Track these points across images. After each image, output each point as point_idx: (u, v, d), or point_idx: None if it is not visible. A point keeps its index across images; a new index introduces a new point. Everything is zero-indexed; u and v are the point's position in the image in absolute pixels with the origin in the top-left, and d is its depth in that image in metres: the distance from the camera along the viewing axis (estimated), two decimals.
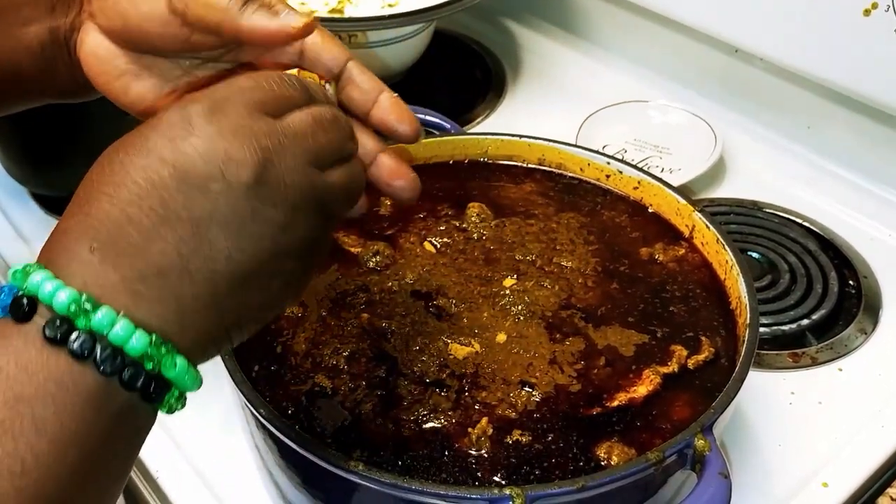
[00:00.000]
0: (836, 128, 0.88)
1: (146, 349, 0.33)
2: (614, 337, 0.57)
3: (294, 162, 0.37)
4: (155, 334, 0.34)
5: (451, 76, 1.08)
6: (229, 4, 0.43)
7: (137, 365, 0.34)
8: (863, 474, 0.61)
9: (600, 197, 0.69)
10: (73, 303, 0.33)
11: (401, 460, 0.50)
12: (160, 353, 0.34)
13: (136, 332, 0.33)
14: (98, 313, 0.33)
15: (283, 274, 0.38)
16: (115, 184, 0.35)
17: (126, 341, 0.33)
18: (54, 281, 0.33)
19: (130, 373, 0.33)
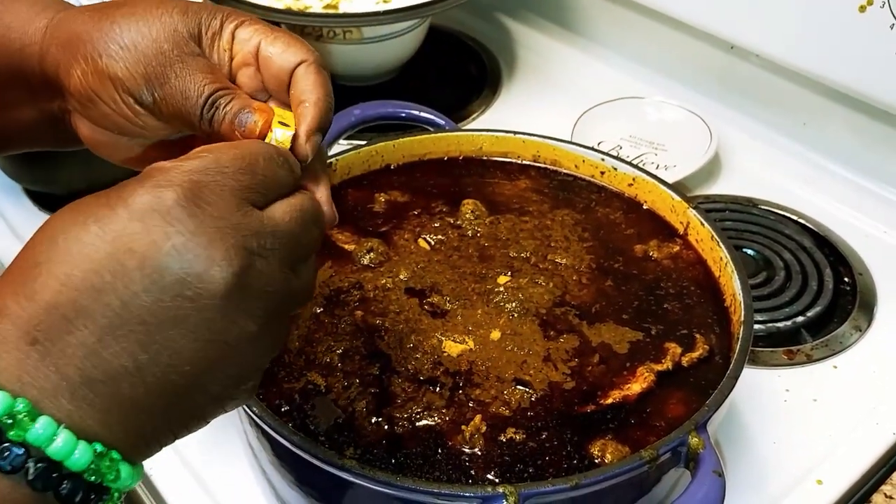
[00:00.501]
0: (832, 125, 0.88)
1: (89, 463, 0.30)
2: (608, 334, 0.57)
3: (276, 267, 0.35)
4: (98, 444, 0.31)
5: (446, 72, 1.08)
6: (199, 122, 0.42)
7: (77, 478, 0.30)
8: (857, 471, 0.61)
9: (595, 194, 0.69)
10: (6, 412, 0.29)
11: (394, 458, 0.49)
12: (104, 465, 0.31)
13: (78, 445, 0.30)
14: (36, 424, 0.29)
15: (242, 378, 0.35)
16: (67, 264, 0.31)
17: (68, 456, 0.30)
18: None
19: (69, 487, 0.30)
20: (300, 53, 0.44)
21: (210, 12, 0.45)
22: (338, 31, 0.93)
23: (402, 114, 0.75)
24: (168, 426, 0.34)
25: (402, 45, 0.98)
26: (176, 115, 0.43)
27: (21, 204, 0.88)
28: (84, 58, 0.43)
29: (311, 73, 0.43)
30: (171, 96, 0.43)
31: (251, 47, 0.44)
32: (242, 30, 0.45)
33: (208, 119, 0.42)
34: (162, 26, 0.44)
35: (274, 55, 0.44)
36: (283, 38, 0.44)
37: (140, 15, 0.44)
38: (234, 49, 0.45)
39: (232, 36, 0.45)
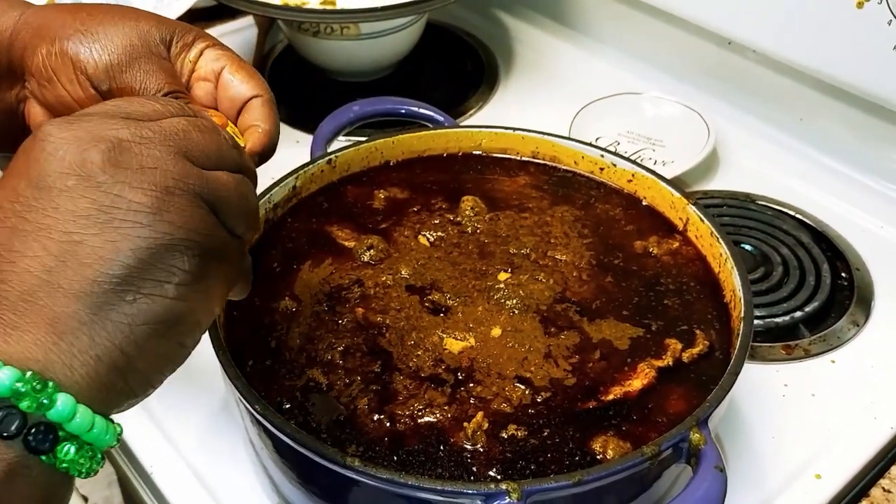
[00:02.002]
0: (829, 120, 0.88)
1: (14, 385, 0.29)
2: (609, 330, 0.57)
3: (158, 150, 0.34)
4: (30, 371, 0.30)
5: (444, 68, 1.07)
6: None
7: (10, 407, 0.29)
8: (855, 466, 0.62)
9: (594, 190, 0.69)
10: None
11: (396, 455, 0.49)
12: (34, 389, 0.30)
13: (2, 368, 0.29)
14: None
15: (175, 273, 0.33)
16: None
17: None
18: None
19: (2, 416, 0.29)
20: (258, 88, 0.47)
21: (184, 28, 0.48)
22: (335, 26, 0.92)
23: (402, 110, 0.75)
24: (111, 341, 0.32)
25: (399, 42, 0.98)
26: None
27: None
28: (52, 39, 0.45)
29: (266, 106, 0.47)
30: (128, 87, 0.44)
31: (215, 67, 0.48)
32: (212, 51, 0.48)
33: None
34: (136, 26, 0.46)
35: (235, 82, 0.47)
36: (246, 70, 0.48)
37: (117, 15, 0.46)
38: (199, 64, 0.48)
39: (200, 52, 0.48)
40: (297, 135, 0.94)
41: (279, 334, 0.56)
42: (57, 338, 0.31)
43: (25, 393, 0.29)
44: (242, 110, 0.47)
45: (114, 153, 0.33)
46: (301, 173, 0.66)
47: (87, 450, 0.32)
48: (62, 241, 0.32)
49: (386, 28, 0.95)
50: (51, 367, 0.30)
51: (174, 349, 0.35)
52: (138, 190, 0.33)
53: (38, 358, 0.30)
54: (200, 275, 0.35)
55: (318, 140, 0.71)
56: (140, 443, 0.63)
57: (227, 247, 0.37)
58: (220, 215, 0.36)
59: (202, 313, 0.36)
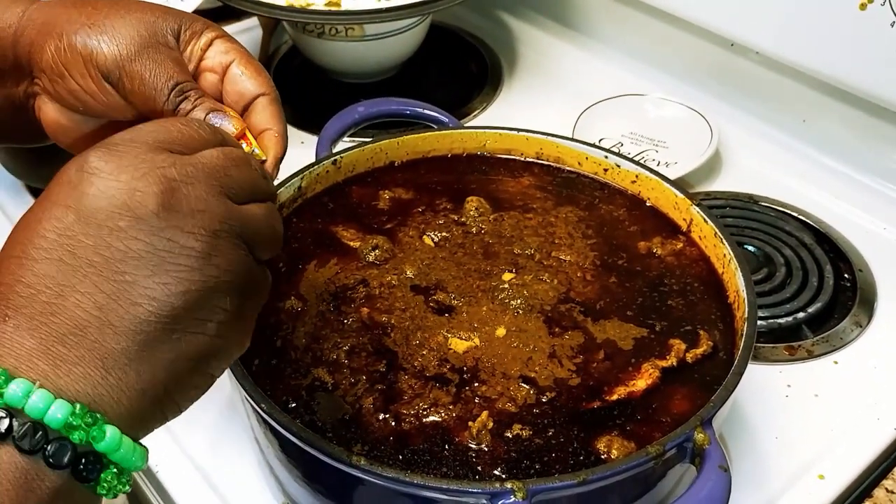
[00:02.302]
0: (832, 121, 0.88)
1: (68, 419, 0.30)
2: (613, 331, 0.57)
3: (204, 190, 0.35)
4: (79, 404, 0.31)
5: (448, 70, 1.08)
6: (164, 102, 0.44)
7: (63, 439, 0.31)
8: (859, 466, 0.62)
9: (598, 191, 0.69)
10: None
11: (401, 454, 0.50)
12: (86, 423, 0.31)
13: (55, 401, 0.30)
14: (12, 386, 0.30)
15: (218, 313, 0.35)
16: (22, 245, 0.33)
17: (44, 413, 0.30)
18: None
19: (55, 448, 0.30)
20: (265, 85, 0.47)
21: (192, 18, 0.48)
22: (340, 28, 0.93)
23: (406, 111, 0.75)
24: (153, 376, 0.33)
25: (403, 43, 0.98)
26: (140, 95, 0.45)
27: (24, 201, 0.88)
28: (60, 34, 0.45)
29: (274, 105, 0.47)
30: (139, 76, 0.44)
31: (223, 60, 0.47)
32: (221, 43, 0.48)
33: (174, 105, 0.44)
34: (142, 18, 0.46)
35: (242, 77, 0.47)
36: (254, 66, 0.47)
37: (123, 7, 0.46)
38: (207, 54, 0.47)
39: (210, 42, 0.48)
40: (302, 136, 0.94)
41: (285, 334, 0.57)
42: (105, 372, 0.32)
43: (77, 426, 0.31)
44: (249, 108, 0.47)
45: (166, 196, 0.34)
46: (306, 174, 0.67)
47: (124, 474, 0.33)
48: (114, 280, 0.32)
49: (390, 29, 0.95)
50: (99, 401, 0.32)
51: (206, 379, 0.37)
52: (190, 235, 0.34)
53: (87, 391, 0.31)
54: (239, 313, 0.36)
55: (324, 141, 0.71)
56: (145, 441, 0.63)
57: (260, 279, 0.39)
58: (253, 248, 0.38)
59: (236, 346, 0.38)
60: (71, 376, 0.31)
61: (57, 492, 0.31)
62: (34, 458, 0.30)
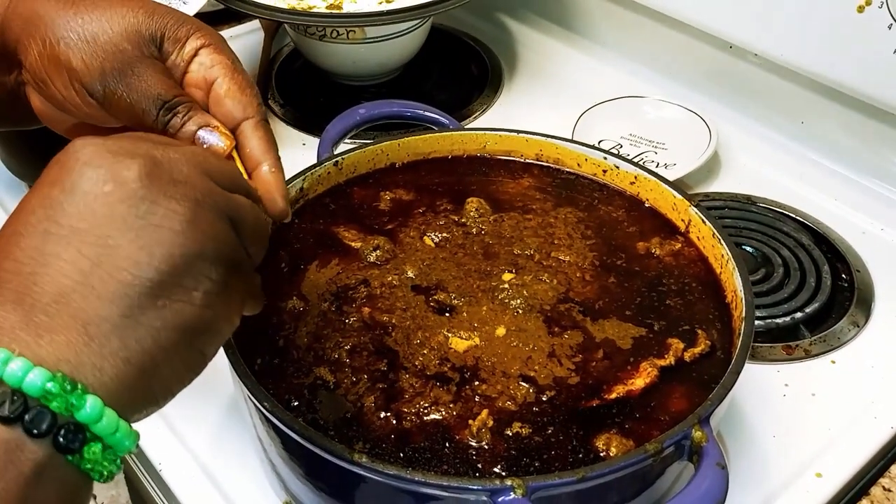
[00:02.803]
0: (830, 123, 0.89)
1: (45, 385, 0.30)
2: (612, 330, 0.58)
3: (186, 167, 0.36)
4: (60, 372, 0.30)
5: (448, 72, 1.08)
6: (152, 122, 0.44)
7: (42, 406, 0.30)
8: (856, 464, 0.62)
9: (597, 192, 0.69)
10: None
11: (402, 452, 0.50)
12: (65, 390, 0.30)
13: (33, 368, 0.30)
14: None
15: (203, 282, 0.35)
16: (13, 224, 0.34)
17: (22, 380, 0.30)
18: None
19: (33, 415, 0.30)
20: (249, 108, 0.46)
21: (177, 20, 0.46)
22: (341, 30, 0.93)
23: (407, 113, 0.75)
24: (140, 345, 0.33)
25: (404, 45, 0.99)
26: (126, 111, 0.44)
27: None
28: (42, 40, 0.44)
29: (261, 130, 0.46)
30: (125, 94, 0.44)
31: (207, 76, 0.46)
32: (206, 54, 0.46)
33: (163, 124, 0.44)
34: (124, 23, 0.44)
35: (227, 98, 0.45)
36: (237, 84, 0.46)
37: (104, 8, 0.45)
38: (191, 66, 0.46)
39: (195, 52, 0.46)
40: (303, 137, 0.95)
41: (287, 333, 0.57)
42: (88, 339, 0.31)
43: (56, 394, 0.30)
44: (236, 131, 0.46)
45: (148, 166, 0.34)
46: (308, 175, 0.67)
47: (110, 453, 0.32)
48: (97, 244, 0.32)
49: (391, 32, 0.95)
50: (81, 369, 0.31)
51: (196, 357, 0.36)
52: (172, 199, 0.34)
53: (68, 359, 0.31)
54: (224, 285, 0.36)
55: (325, 142, 0.72)
56: (149, 440, 0.63)
57: (245, 262, 0.39)
58: (239, 234, 0.38)
59: (224, 323, 0.37)
60: (53, 345, 0.31)
61: (39, 465, 0.30)
62: (13, 426, 0.30)
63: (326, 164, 0.68)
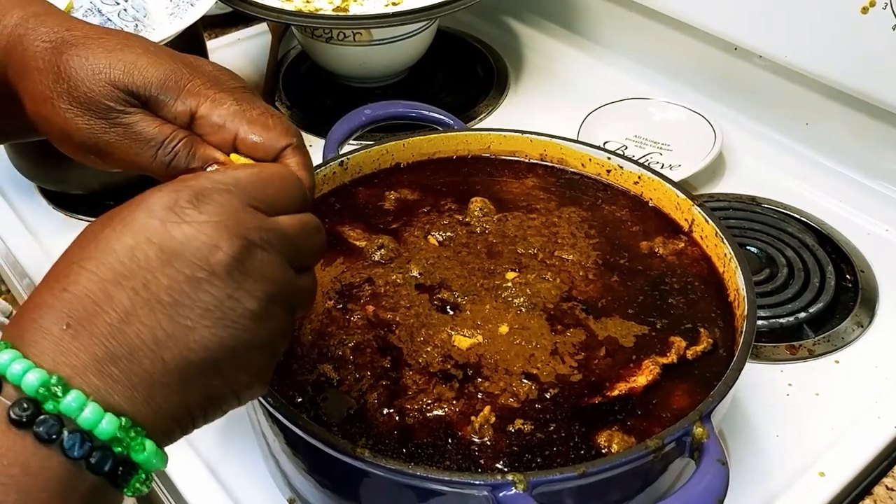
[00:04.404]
0: (834, 124, 0.89)
1: (115, 433, 0.33)
2: (615, 328, 0.58)
3: (275, 258, 0.37)
4: (125, 417, 0.33)
5: (454, 74, 1.09)
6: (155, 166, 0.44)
7: (106, 449, 0.33)
8: (859, 464, 0.62)
9: (601, 192, 0.70)
10: (42, 385, 0.32)
11: (405, 448, 0.51)
12: (129, 437, 0.33)
13: (105, 415, 0.33)
14: (68, 396, 0.32)
15: (252, 367, 0.38)
16: (97, 260, 0.35)
17: (95, 425, 0.32)
18: (23, 361, 0.32)
19: (98, 457, 0.33)
20: (284, 136, 0.45)
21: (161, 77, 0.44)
22: (348, 32, 0.94)
23: (412, 113, 0.76)
24: (187, 407, 0.36)
25: (411, 47, 0.99)
26: (124, 162, 0.45)
27: (35, 202, 0.89)
28: (34, 97, 0.45)
29: (299, 155, 0.45)
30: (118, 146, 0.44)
31: (226, 135, 0.45)
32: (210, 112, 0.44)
33: (164, 163, 0.44)
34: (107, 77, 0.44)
35: (260, 142, 0.44)
36: (261, 120, 0.45)
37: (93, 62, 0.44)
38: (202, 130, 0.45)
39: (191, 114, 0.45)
40: (309, 138, 0.95)
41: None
42: (149, 398, 0.34)
43: (121, 439, 0.33)
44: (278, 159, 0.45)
45: (242, 258, 0.36)
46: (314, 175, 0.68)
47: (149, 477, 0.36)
48: (177, 321, 0.35)
49: (398, 34, 0.96)
50: (139, 419, 0.34)
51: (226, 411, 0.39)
52: (254, 299, 0.36)
53: (130, 410, 0.34)
54: (272, 365, 0.40)
55: (331, 143, 0.73)
56: None
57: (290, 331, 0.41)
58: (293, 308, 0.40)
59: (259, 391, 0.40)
60: (119, 395, 0.34)
61: (89, 495, 0.33)
62: (77, 463, 0.32)
63: (332, 164, 0.69)
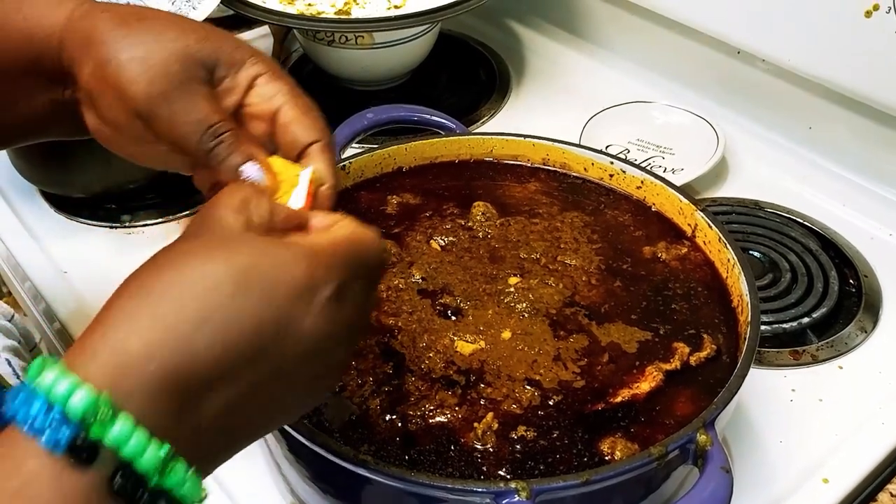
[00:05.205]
0: (838, 128, 0.88)
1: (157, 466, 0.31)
2: (617, 334, 0.58)
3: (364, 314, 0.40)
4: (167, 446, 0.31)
5: (456, 77, 1.09)
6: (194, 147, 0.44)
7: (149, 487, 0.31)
8: (863, 470, 0.62)
9: (604, 196, 0.70)
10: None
11: (407, 455, 0.50)
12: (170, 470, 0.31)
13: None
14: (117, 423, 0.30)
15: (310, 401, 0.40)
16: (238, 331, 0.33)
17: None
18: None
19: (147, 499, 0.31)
20: (315, 131, 0.45)
21: (233, 46, 0.46)
22: (350, 36, 0.94)
23: (414, 117, 0.76)
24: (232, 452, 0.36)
25: (412, 50, 0.99)
26: (168, 134, 0.44)
27: (37, 206, 0.89)
28: (94, 59, 0.44)
29: (327, 152, 0.46)
30: (168, 118, 0.44)
31: (270, 107, 0.46)
32: (264, 83, 0.46)
33: (207, 149, 0.44)
34: (176, 45, 0.44)
35: (292, 126, 0.45)
36: (301, 108, 0.46)
37: (158, 30, 0.45)
38: (251, 98, 0.46)
39: (251, 82, 0.46)
40: None
41: None
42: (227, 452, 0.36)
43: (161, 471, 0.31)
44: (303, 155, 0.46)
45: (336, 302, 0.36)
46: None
47: None
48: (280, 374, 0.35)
49: (400, 37, 0.96)
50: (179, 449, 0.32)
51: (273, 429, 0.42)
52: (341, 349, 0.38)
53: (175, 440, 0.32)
54: None
55: None
56: None
57: None
58: None
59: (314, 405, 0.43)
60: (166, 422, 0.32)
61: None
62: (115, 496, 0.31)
63: None
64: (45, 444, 0.29)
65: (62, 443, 0.29)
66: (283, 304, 0.34)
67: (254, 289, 0.33)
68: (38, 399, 0.29)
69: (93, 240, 0.85)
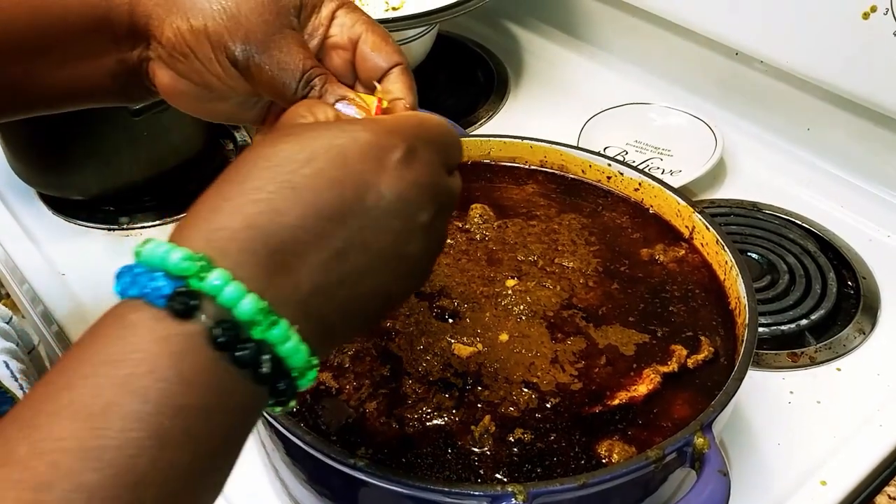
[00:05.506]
0: (836, 130, 0.88)
1: (255, 315, 0.31)
2: (615, 336, 0.58)
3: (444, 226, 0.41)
4: (306, 347, 0.33)
5: (455, 79, 1.09)
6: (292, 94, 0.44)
7: (291, 379, 0.33)
8: (861, 473, 0.62)
9: (601, 198, 0.70)
10: (256, 313, 0.31)
11: (405, 458, 0.50)
12: (310, 365, 0.33)
13: (301, 346, 0.33)
14: (277, 328, 0.32)
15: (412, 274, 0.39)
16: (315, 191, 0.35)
17: (292, 354, 0.32)
18: (236, 285, 0.31)
19: (285, 385, 0.33)
20: (395, 55, 0.47)
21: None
22: None
23: None
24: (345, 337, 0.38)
25: (410, 52, 0.99)
26: (268, 83, 0.45)
27: (35, 208, 0.89)
28: (182, 14, 0.44)
29: (405, 75, 0.47)
30: (268, 68, 0.44)
31: (351, 35, 0.47)
32: (344, 15, 0.48)
33: (302, 95, 0.44)
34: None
35: (373, 55, 0.47)
36: (380, 34, 0.48)
37: None
38: (332, 31, 0.47)
39: (332, 15, 0.47)
40: None
41: None
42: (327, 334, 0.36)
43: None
44: (383, 79, 0.47)
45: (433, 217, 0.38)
46: None
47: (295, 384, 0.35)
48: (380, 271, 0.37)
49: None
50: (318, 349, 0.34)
51: None
52: (425, 258, 0.39)
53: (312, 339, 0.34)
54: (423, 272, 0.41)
55: None
56: None
57: None
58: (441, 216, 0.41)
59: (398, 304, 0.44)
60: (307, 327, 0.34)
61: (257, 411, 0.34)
62: (262, 387, 0.32)
63: None
64: (146, 296, 0.30)
65: (162, 294, 0.30)
66: (356, 166, 0.36)
67: (327, 155, 0.35)
68: (140, 266, 0.32)
69: (91, 242, 0.85)
